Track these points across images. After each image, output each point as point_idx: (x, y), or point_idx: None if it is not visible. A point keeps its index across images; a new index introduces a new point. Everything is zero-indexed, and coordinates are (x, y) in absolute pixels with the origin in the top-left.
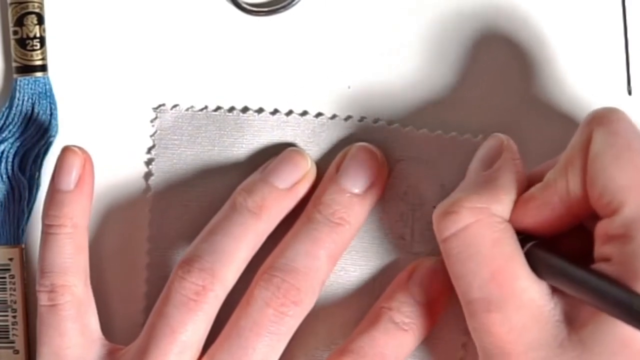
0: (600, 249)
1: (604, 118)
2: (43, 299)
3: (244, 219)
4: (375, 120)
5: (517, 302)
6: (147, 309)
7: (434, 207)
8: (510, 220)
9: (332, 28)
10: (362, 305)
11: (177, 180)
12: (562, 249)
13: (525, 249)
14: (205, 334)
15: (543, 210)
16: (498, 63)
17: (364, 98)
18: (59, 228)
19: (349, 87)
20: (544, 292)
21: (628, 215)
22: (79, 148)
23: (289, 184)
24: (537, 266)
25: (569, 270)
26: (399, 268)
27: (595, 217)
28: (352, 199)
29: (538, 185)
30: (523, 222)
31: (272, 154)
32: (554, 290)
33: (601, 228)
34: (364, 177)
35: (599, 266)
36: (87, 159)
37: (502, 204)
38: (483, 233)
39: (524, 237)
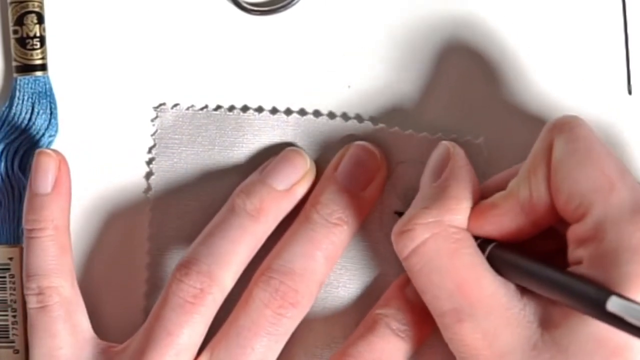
0: (573, 253)
1: (564, 125)
2: (32, 302)
3: (242, 221)
4: (375, 122)
5: (485, 308)
6: (147, 309)
7: (395, 212)
8: (470, 228)
9: (332, 28)
10: (361, 304)
11: (178, 179)
12: (536, 250)
13: (487, 252)
14: (202, 336)
15: (505, 219)
16: (499, 65)
17: (364, 98)
18: (41, 231)
19: (349, 87)
20: (511, 294)
21: (596, 218)
22: (53, 150)
23: (288, 185)
24: (501, 267)
25: (533, 268)
26: (398, 269)
27: (565, 222)
28: (351, 199)
29: (501, 193)
30: (484, 229)
31: (272, 154)
32: (523, 291)
33: (572, 233)
34: (362, 177)
35: (573, 270)
36: (62, 161)
37: (455, 214)
38: (440, 246)
39: (484, 240)
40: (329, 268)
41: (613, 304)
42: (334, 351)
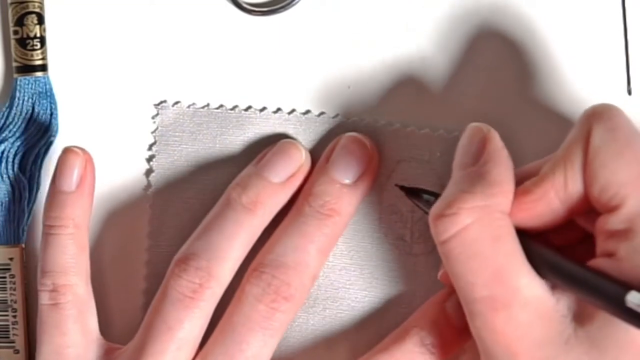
0: (603, 244)
1: (603, 114)
2: (44, 298)
3: (238, 215)
4: (377, 121)
5: (521, 299)
6: (146, 306)
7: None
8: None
9: (332, 28)
10: (360, 305)
11: (178, 177)
12: (550, 241)
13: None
14: (203, 330)
15: (538, 205)
16: (500, 64)
17: (364, 98)
18: (61, 229)
19: (348, 87)
20: (545, 287)
21: (631, 210)
22: (80, 149)
23: (283, 177)
24: (533, 261)
25: (562, 265)
26: (398, 269)
27: (588, 214)
28: (342, 190)
29: (532, 180)
30: (517, 217)
31: None
32: (554, 286)
33: (603, 224)
34: (354, 168)
35: (601, 261)
36: (89, 160)
37: (499, 197)
38: (483, 232)
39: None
40: (321, 261)
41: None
42: (335, 353)
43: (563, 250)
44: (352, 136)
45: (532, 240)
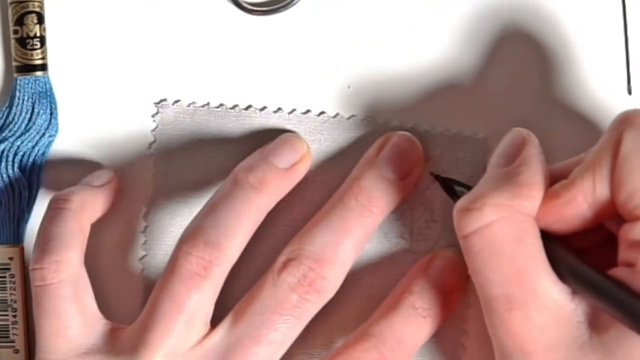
0: (624, 253)
1: (636, 119)
2: (37, 279)
3: (246, 193)
4: (376, 120)
5: (538, 302)
6: (147, 289)
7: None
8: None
9: (332, 28)
10: (360, 304)
11: (178, 174)
12: (575, 245)
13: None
14: (211, 307)
15: (566, 209)
16: (497, 63)
17: (365, 97)
18: (65, 203)
19: (349, 87)
20: (565, 292)
21: None
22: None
23: (288, 164)
24: (556, 265)
25: (583, 272)
26: (398, 267)
27: (616, 219)
28: (389, 187)
29: (562, 182)
30: (546, 220)
31: None
32: (575, 291)
33: (626, 232)
34: (404, 167)
35: (622, 271)
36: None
37: (526, 200)
38: (506, 231)
39: (541, 233)
40: (355, 257)
41: None
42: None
43: (587, 252)
44: (405, 135)
45: (556, 245)
